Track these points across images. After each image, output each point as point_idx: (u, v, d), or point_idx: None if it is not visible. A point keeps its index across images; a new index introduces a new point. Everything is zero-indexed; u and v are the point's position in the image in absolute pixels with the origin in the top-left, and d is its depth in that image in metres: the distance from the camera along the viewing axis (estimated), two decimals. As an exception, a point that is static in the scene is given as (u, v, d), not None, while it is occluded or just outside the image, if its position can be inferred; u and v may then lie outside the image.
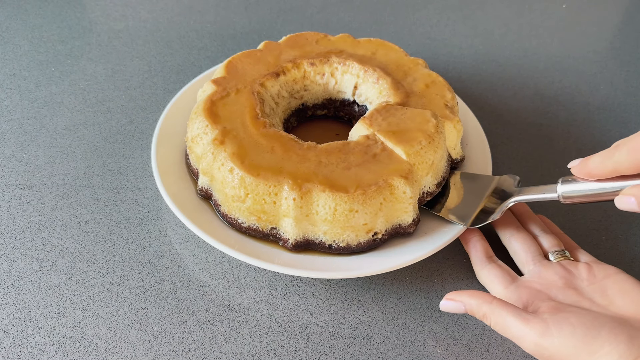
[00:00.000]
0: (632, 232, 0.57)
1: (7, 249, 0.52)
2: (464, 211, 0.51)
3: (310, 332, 0.47)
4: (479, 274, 0.50)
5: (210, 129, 0.51)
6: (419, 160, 0.49)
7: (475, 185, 0.54)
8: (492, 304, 0.43)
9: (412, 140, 0.50)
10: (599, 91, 0.78)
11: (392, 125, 0.51)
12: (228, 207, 0.49)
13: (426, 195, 0.52)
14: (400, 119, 0.52)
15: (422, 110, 0.53)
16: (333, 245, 0.48)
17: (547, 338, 0.39)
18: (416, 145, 0.49)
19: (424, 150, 0.50)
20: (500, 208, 0.50)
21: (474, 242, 0.51)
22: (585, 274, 0.46)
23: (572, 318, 0.40)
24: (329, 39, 0.64)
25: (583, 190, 0.44)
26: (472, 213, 0.51)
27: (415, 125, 0.51)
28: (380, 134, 0.51)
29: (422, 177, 0.50)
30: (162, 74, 0.75)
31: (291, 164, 0.48)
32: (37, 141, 0.63)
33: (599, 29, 0.92)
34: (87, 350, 0.44)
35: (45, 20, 0.84)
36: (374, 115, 0.53)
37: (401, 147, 0.49)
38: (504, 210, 0.50)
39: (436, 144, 0.51)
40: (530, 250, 0.49)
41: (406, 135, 0.50)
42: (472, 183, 0.55)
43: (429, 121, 0.52)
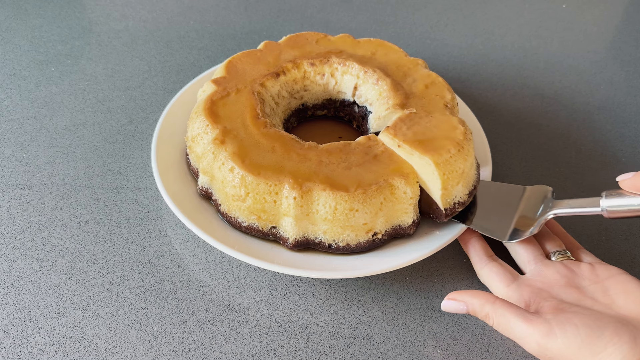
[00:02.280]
0: (632, 232, 0.57)
1: (7, 249, 0.52)
2: (499, 224, 0.50)
3: (310, 332, 0.47)
4: (480, 273, 0.49)
5: (211, 128, 0.51)
6: (449, 170, 0.47)
7: (504, 196, 0.52)
8: (494, 304, 0.43)
9: (440, 149, 0.48)
10: (599, 91, 0.78)
11: (418, 134, 0.49)
12: (228, 207, 0.49)
13: (457, 206, 0.49)
14: (426, 127, 0.50)
15: (448, 117, 0.51)
16: (333, 245, 0.48)
17: (550, 339, 0.39)
18: (445, 154, 0.47)
19: (454, 159, 0.48)
20: (538, 221, 0.48)
21: (472, 242, 0.51)
22: (588, 274, 0.46)
23: (576, 319, 0.40)
24: (329, 39, 0.64)
25: (632, 205, 0.43)
26: (508, 226, 0.49)
27: (442, 133, 0.49)
28: (406, 144, 0.48)
29: (453, 186, 0.48)
30: (162, 74, 0.75)
31: (292, 163, 0.48)
32: (37, 141, 0.63)
33: (599, 29, 0.92)
34: (87, 350, 0.44)
35: (45, 20, 0.84)
36: (398, 125, 0.51)
37: (429, 157, 0.47)
38: (541, 223, 0.48)
39: (466, 152, 0.49)
40: (531, 250, 0.49)
41: (433, 144, 0.48)
42: (500, 193, 0.53)
43: (457, 128, 0.50)
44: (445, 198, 0.48)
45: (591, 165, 0.65)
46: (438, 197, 0.48)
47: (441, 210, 0.48)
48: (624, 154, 0.67)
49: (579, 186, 0.62)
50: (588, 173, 0.64)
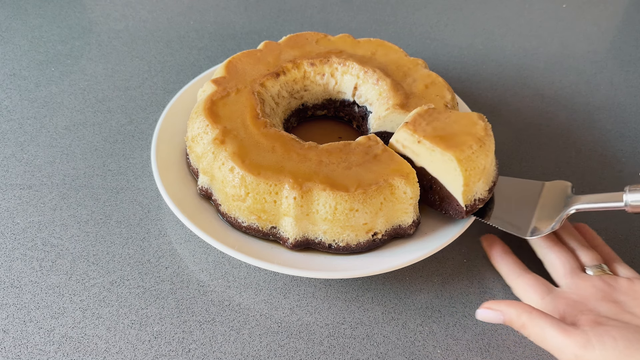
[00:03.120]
0: (632, 232, 0.57)
1: (7, 249, 0.52)
2: (519, 220, 0.49)
3: (310, 332, 0.47)
4: (513, 285, 0.48)
5: (211, 128, 0.51)
6: (471, 166, 0.47)
7: (523, 192, 0.52)
8: (531, 314, 0.42)
9: (461, 144, 0.47)
10: (599, 91, 0.78)
11: (438, 129, 0.48)
12: (228, 207, 0.49)
13: (478, 202, 0.49)
14: (446, 122, 0.49)
15: (468, 113, 0.51)
16: (333, 245, 0.48)
17: (587, 350, 0.39)
18: (467, 150, 0.47)
19: (476, 155, 0.47)
20: (559, 217, 0.48)
21: (502, 255, 0.50)
22: (626, 288, 0.45)
23: (614, 331, 0.39)
24: (329, 39, 0.64)
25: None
26: (528, 223, 0.49)
27: (462, 128, 0.49)
28: (427, 140, 0.48)
29: (475, 183, 0.48)
30: (162, 74, 0.75)
31: (292, 163, 0.48)
32: (37, 141, 0.63)
33: (599, 29, 0.92)
34: (87, 350, 0.44)
35: (45, 20, 0.84)
36: (417, 120, 0.50)
37: (451, 153, 0.46)
38: (563, 219, 0.47)
39: (487, 148, 0.48)
40: (568, 263, 0.47)
41: (454, 139, 0.47)
42: (518, 189, 0.52)
43: (477, 124, 0.49)
44: (466, 195, 0.47)
45: (591, 165, 0.65)
46: (459, 193, 0.47)
47: (462, 207, 0.48)
48: (624, 154, 0.67)
49: (579, 186, 0.62)
50: (588, 173, 0.64)
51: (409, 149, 0.50)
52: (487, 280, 0.52)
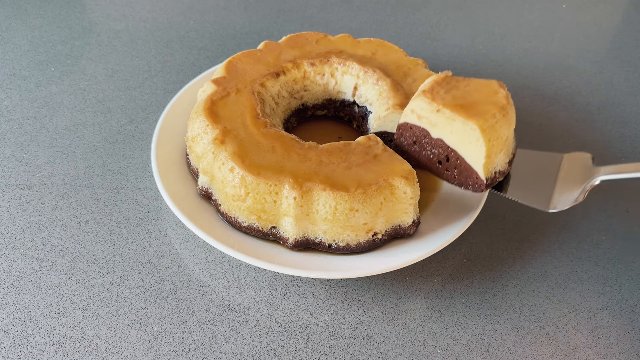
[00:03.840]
0: (632, 232, 0.57)
1: (7, 249, 0.52)
2: (539, 193, 0.47)
3: (310, 332, 0.47)
4: None
5: (211, 128, 0.51)
6: (494, 136, 0.44)
7: (541, 164, 0.50)
8: None
9: (484, 113, 0.44)
10: (599, 91, 0.78)
11: (458, 98, 0.46)
12: (228, 207, 0.49)
13: (498, 175, 0.47)
14: (465, 91, 0.47)
15: (488, 81, 0.48)
16: (333, 245, 0.48)
17: None
18: (490, 119, 0.44)
19: (499, 124, 0.44)
20: (582, 188, 0.46)
21: None
22: None
23: None
24: (329, 39, 0.64)
25: None
26: (549, 196, 0.47)
27: (482, 97, 0.46)
28: (446, 109, 0.45)
29: (496, 154, 0.45)
30: (162, 74, 0.75)
31: (292, 163, 0.48)
32: (37, 141, 0.63)
33: (599, 29, 0.92)
34: (87, 350, 0.44)
35: (45, 20, 0.84)
36: (435, 88, 0.47)
37: (474, 122, 0.43)
38: (587, 190, 0.46)
39: (510, 117, 0.46)
40: None
41: (476, 108, 0.44)
42: (536, 162, 0.50)
43: (498, 92, 0.46)
44: (487, 167, 0.45)
45: (591, 165, 0.65)
46: (480, 165, 0.45)
47: (482, 180, 0.46)
48: (624, 154, 0.67)
49: (579, 186, 0.62)
50: (588, 173, 0.64)
51: (426, 119, 0.48)
52: (487, 280, 0.52)
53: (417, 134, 0.50)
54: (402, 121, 0.51)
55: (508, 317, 0.49)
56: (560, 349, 0.46)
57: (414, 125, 0.49)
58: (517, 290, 0.51)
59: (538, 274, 0.52)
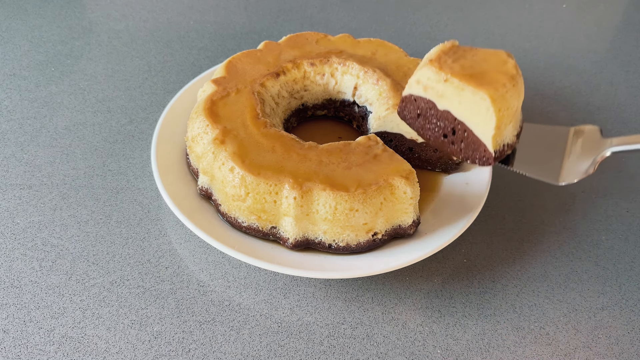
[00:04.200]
0: (632, 232, 0.57)
1: (7, 249, 0.52)
2: (547, 167, 0.46)
3: (310, 332, 0.47)
4: None
5: (211, 128, 0.51)
6: (505, 106, 0.43)
7: (548, 138, 0.48)
8: None
9: (494, 82, 0.43)
10: (599, 91, 0.78)
11: (466, 67, 0.44)
12: (228, 207, 0.49)
13: (507, 148, 0.45)
14: (473, 60, 0.45)
15: (495, 50, 0.47)
16: (333, 245, 0.48)
17: None
18: (501, 89, 0.42)
19: (509, 94, 0.43)
20: (593, 160, 0.44)
21: None
22: None
23: None
24: (329, 39, 0.64)
25: None
26: (558, 168, 0.45)
27: (491, 66, 0.44)
28: (455, 78, 0.43)
29: (506, 125, 0.44)
30: (162, 74, 0.75)
31: (292, 163, 0.48)
32: (37, 141, 0.63)
33: (599, 29, 0.92)
34: (87, 350, 0.44)
35: (45, 20, 0.84)
36: (442, 58, 0.45)
37: (485, 91, 0.42)
38: (598, 162, 0.44)
39: (519, 88, 0.44)
40: None
41: (485, 77, 0.43)
42: (543, 135, 0.49)
43: (507, 62, 0.45)
44: (496, 139, 0.44)
45: (591, 165, 0.65)
46: (489, 137, 0.44)
47: (490, 153, 0.44)
48: (624, 154, 0.67)
49: (579, 186, 0.62)
50: (588, 173, 0.64)
51: (433, 89, 0.46)
52: (487, 280, 0.52)
53: (422, 107, 0.48)
54: (407, 93, 0.49)
55: (508, 317, 0.49)
56: (560, 349, 0.46)
57: (419, 97, 0.47)
58: (517, 290, 0.51)
59: (538, 274, 0.52)
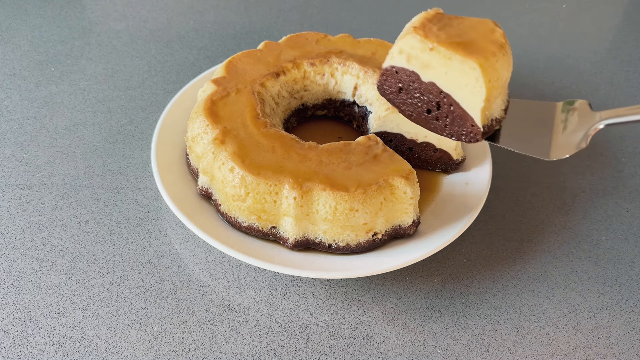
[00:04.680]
0: (632, 232, 0.57)
1: (7, 249, 0.52)
2: (537, 142, 0.44)
3: (310, 332, 0.47)
4: None
5: (211, 128, 0.51)
6: (495, 77, 0.40)
7: (535, 113, 0.46)
8: None
9: (484, 51, 0.40)
10: (599, 91, 0.78)
11: (453, 36, 0.42)
12: (228, 207, 0.49)
13: (495, 123, 0.43)
14: (459, 28, 0.43)
15: (482, 19, 0.45)
16: (333, 245, 0.48)
17: None
18: (491, 57, 0.40)
19: (500, 64, 0.41)
20: (585, 134, 0.43)
21: None
22: None
23: None
24: (329, 39, 0.64)
25: None
26: (547, 143, 0.44)
27: (479, 35, 0.42)
28: (442, 46, 0.41)
29: (495, 98, 0.42)
30: (162, 74, 0.75)
31: (292, 163, 0.48)
32: (37, 141, 0.63)
33: (599, 29, 0.92)
34: (87, 350, 0.44)
35: (45, 20, 0.84)
36: (427, 25, 0.43)
37: (474, 60, 0.40)
38: (590, 135, 0.42)
39: (509, 57, 0.42)
40: None
41: (474, 46, 0.41)
42: (529, 111, 0.47)
43: (495, 30, 0.43)
44: (485, 112, 0.42)
45: (591, 165, 0.65)
46: (478, 110, 0.41)
47: (478, 128, 0.42)
48: (624, 154, 0.67)
49: (579, 186, 0.62)
50: (588, 172, 0.64)
51: (417, 59, 0.43)
52: (487, 280, 0.52)
53: (405, 79, 0.45)
54: (387, 65, 0.45)
55: (508, 317, 0.49)
56: (560, 349, 0.46)
57: (401, 68, 0.44)
58: (517, 290, 0.51)
59: (538, 274, 0.52)
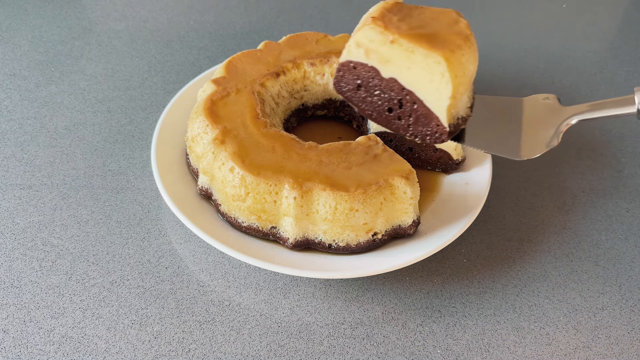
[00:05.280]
0: (632, 232, 0.57)
1: (7, 249, 0.52)
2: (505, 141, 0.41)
3: (310, 332, 0.47)
4: None
5: (211, 128, 0.51)
6: (461, 71, 0.37)
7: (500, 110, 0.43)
8: None
9: (448, 43, 0.37)
10: (599, 91, 0.78)
11: (415, 27, 0.38)
12: (228, 207, 0.49)
13: (461, 122, 0.40)
14: (421, 19, 0.39)
15: (444, 9, 0.42)
16: (333, 245, 0.48)
17: None
18: (457, 51, 0.37)
19: (466, 57, 0.38)
20: (556, 131, 0.41)
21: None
22: None
23: None
24: (329, 39, 0.64)
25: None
26: (516, 143, 0.41)
27: (443, 26, 0.39)
28: (403, 38, 0.37)
29: (462, 94, 0.39)
30: (162, 74, 0.75)
31: (292, 163, 0.48)
32: (37, 141, 0.63)
33: (599, 29, 0.92)
34: (87, 350, 0.44)
35: (45, 20, 0.84)
36: (386, 16, 0.39)
37: (439, 53, 0.36)
38: (562, 131, 0.41)
39: (475, 49, 0.40)
40: None
41: (438, 38, 0.38)
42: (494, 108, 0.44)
43: (459, 21, 0.40)
44: (451, 110, 0.39)
45: (591, 165, 0.65)
46: (443, 108, 0.38)
47: (443, 127, 0.39)
48: (624, 154, 0.67)
49: (579, 186, 0.62)
50: (588, 172, 0.64)
51: (377, 53, 0.39)
52: (487, 280, 0.52)
53: (363, 75, 0.42)
54: (344, 59, 0.42)
55: (508, 317, 0.49)
56: (560, 349, 0.46)
57: (359, 63, 0.41)
58: (517, 290, 0.51)
59: (538, 274, 0.52)
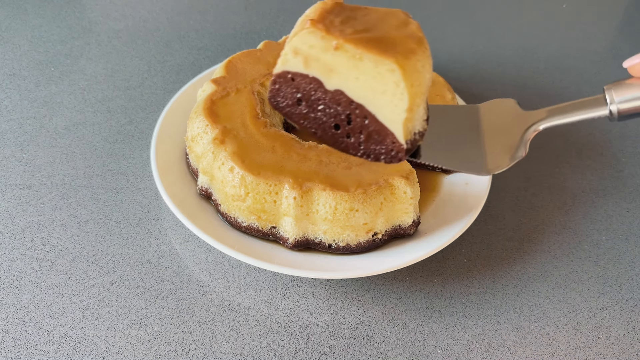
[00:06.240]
0: (632, 232, 0.57)
1: (7, 249, 0.52)
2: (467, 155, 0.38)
3: (310, 332, 0.47)
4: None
5: (211, 128, 0.51)
6: (417, 80, 0.33)
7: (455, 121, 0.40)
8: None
9: (401, 47, 0.33)
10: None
11: (360, 30, 0.33)
12: (228, 207, 0.49)
13: (418, 137, 0.35)
14: (366, 21, 0.35)
15: (389, 9, 0.37)
16: (333, 245, 0.48)
17: None
18: (412, 56, 0.33)
19: (421, 63, 0.33)
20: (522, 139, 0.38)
21: None
22: None
23: None
24: (329, 39, 0.64)
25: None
26: (480, 156, 0.38)
27: (391, 28, 0.35)
28: (349, 44, 0.32)
29: (418, 105, 0.34)
30: (162, 74, 0.75)
31: (292, 163, 0.48)
32: (37, 141, 0.63)
33: (599, 29, 0.92)
34: (87, 350, 0.44)
35: (45, 20, 0.84)
36: (327, 18, 0.34)
37: (392, 60, 0.32)
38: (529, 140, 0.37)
39: (429, 54, 0.35)
40: None
41: (388, 42, 0.33)
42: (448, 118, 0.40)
43: (408, 22, 0.36)
44: (407, 124, 0.34)
45: (591, 165, 0.65)
46: (399, 123, 0.33)
47: (400, 144, 0.34)
48: (624, 154, 0.67)
49: (579, 186, 0.62)
50: (588, 172, 0.64)
51: (318, 62, 0.34)
52: (487, 280, 0.52)
53: (303, 88, 0.35)
54: (280, 70, 0.35)
55: (508, 317, 0.49)
56: (560, 349, 0.46)
57: (298, 74, 0.35)
58: (517, 290, 0.51)
59: (538, 274, 0.52)
